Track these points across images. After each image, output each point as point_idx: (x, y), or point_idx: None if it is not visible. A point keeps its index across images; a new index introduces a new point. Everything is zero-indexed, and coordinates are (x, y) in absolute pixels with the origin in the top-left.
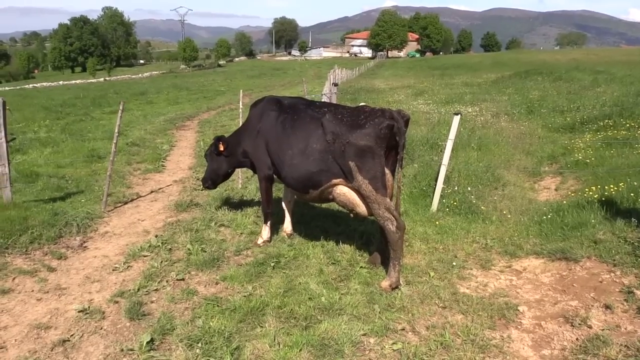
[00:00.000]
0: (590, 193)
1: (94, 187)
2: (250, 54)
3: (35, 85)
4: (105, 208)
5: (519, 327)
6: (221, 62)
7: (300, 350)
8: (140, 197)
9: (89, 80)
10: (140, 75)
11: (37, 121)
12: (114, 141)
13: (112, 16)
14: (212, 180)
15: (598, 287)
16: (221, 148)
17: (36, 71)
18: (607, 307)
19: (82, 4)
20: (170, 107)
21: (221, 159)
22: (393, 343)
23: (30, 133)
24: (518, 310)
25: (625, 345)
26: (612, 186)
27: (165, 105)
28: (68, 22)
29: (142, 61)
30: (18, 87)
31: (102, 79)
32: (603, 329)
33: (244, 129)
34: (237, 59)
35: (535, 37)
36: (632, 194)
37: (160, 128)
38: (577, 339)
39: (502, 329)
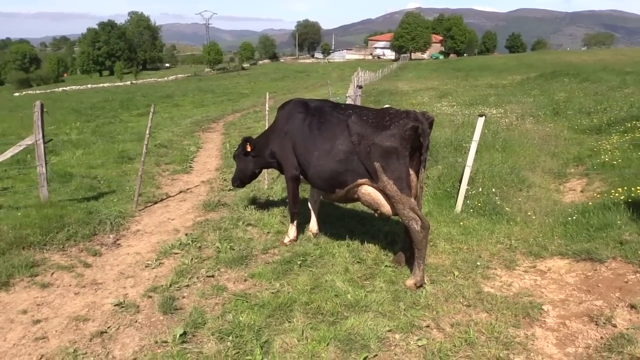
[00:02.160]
0: (617, 194)
1: (125, 187)
2: (274, 57)
3: (64, 88)
4: (137, 207)
5: (543, 325)
6: (245, 65)
7: (328, 344)
8: (170, 197)
9: (116, 84)
10: (165, 78)
11: (69, 123)
12: (145, 142)
13: (139, 20)
14: (240, 180)
15: (623, 287)
16: (248, 149)
17: (65, 75)
18: (632, 306)
19: (109, 9)
20: (196, 109)
21: (249, 159)
22: (418, 339)
23: (62, 135)
24: (542, 309)
25: None
26: (638, 188)
27: (191, 107)
28: (96, 27)
29: (167, 64)
30: (49, 91)
31: (129, 82)
32: (628, 328)
33: (272, 130)
34: (260, 62)
35: (561, 38)
36: None
37: (187, 130)
38: (601, 337)
39: (526, 327)
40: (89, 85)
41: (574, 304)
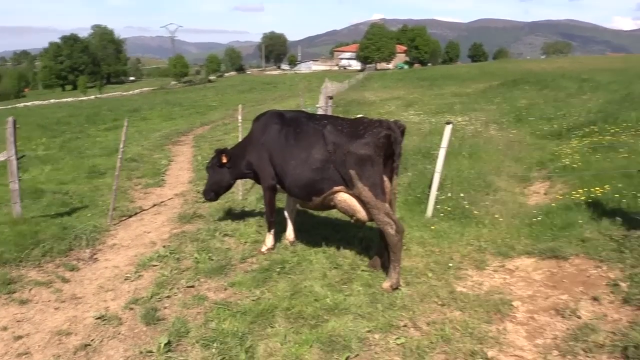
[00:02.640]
0: (578, 195)
1: (98, 202)
2: (240, 69)
3: (26, 104)
4: (112, 221)
5: (514, 320)
6: (211, 77)
7: (311, 346)
8: (144, 210)
9: (80, 98)
10: (131, 92)
11: (34, 139)
12: (119, 156)
13: (102, 34)
14: (214, 192)
15: (586, 282)
16: (224, 160)
17: (26, 90)
18: (594, 299)
19: (71, 23)
20: (164, 123)
21: (224, 170)
22: (396, 338)
23: (28, 151)
24: (512, 305)
25: (612, 332)
26: (597, 188)
27: (160, 121)
28: (59, 41)
29: (132, 78)
30: (10, 106)
31: (93, 97)
32: (591, 319)
33: (248, 141)
34: (227, 74)
35: (521, 47)
36: (616, 195)
37: (157, 144)
38: (567, 328)
39: (498, 322)
40: (52, 100)
41: (541, 299)
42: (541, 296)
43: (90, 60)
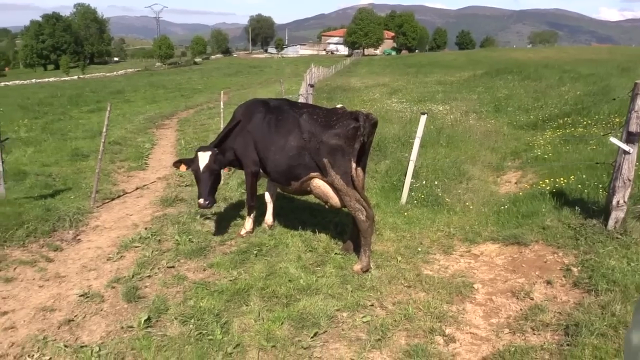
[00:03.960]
0: (544, 185)
1: (81, 184)
2: (227, 52)
3: (7, 83)
4: (94, 204)
5: (473, 301)
6: (197, 59)
7: (282, 323)
8: (127, 193)
9: (62, 78)
10: (115, 73)
11: (15, 120)
12: (102, 140)
13: (85, 13)
14: (213, 195)
15: (543, 267)
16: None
17: (7, 69)
18: (548, 282)
19: (53, 1)
20: (148, 105)
21: (218, 167)
22: (363, 316)
23: (10, 133)
24: (473, 287)
25: (559, 312)
26: (562, 179)
27: (143, 104)
28: (40, 19)
29: (116, 59)
30: None
31: (76, 77)
32: (542, 300)
33: (233, 129)
34: (213, 57)
35: (509, 35)
36: (579, 186)
37: (141, 127)
38: (520, 309)
39: (458, 303)
40: (34, 80)
41: (501, 282)
42: (501, 279)
43: (73, 40)
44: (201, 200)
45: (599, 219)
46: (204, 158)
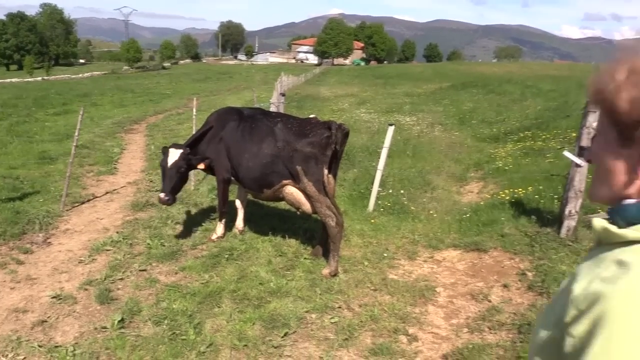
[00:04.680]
0: (504, 195)
1: (50, 187)
2: (196, 57)
3: None
4: (64, 207)
5: (435, 303)
6: (166, 64)
7: (253, 324)
8: (96, 197)
9: (26, 80)
10: (80, 75)
11: None
12: (74, 144)
13: (52, 13)
14: (175, 194)
15: (500, 271)
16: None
17: None
18: (504, 286)
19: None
20: (116, 109)
21: (186, 168)
22: (331, 318)
23: None
24: (435, 291)
25: (514, 313)
26: (521, 189)
27: (111, 107)
28: (4, 18)
29: (82, 60)
30: None
31: (39, 78)
32: (499, 302)
33: (205, 135)
34: (182, 62)
35: (475, 49)
36: (536, 196)
37: (109, 131)
38: (479, 310)
39: (421, 305)
40: None
41: (461, 286)
42: (461, 283)
43: (38, 40)
44: (162, 195)
45: (553, 227)
46: (174, 155)
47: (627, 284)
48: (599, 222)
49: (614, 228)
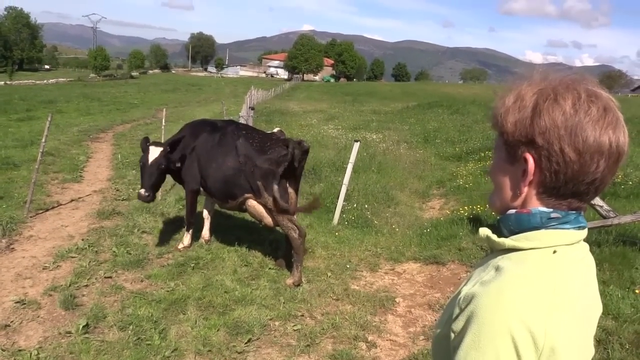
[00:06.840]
0: (463, 212)
1: (13, 194)
2: (165, 68)
3: None
4: (28, 214)
5: (394, 313)
6: (134, 73)
7: (218, 330)
8: (61, 205)
9: None
10: (45, 81)
11: None
12: (41, 150)
13: (17, 17)
14: (154, 192)
15: (457, 283)
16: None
17: None
18: None
19: None
20: (82, 117)
21: (166, 166)
22: (294, 325)
23: None
24: (395, 301)
25: None
26: (480, 206)
27: (77, 115)
28: None
29: (47, 66)
30: None
31: (2, 83)
32: None
33: (179, 145)
34: (150, 72)
35: (442, 70)
36: (493, 213)
37: (75, 139)
38: (435, 320)
39: (381, 314)
40: None
41: (420, 297)
42: (420, 294)
43: (2, 44)
44: (142, 191)
45: None
46: (154, 152)
47: (496, 286)
48: (484, 231)
49: (494, 237)
